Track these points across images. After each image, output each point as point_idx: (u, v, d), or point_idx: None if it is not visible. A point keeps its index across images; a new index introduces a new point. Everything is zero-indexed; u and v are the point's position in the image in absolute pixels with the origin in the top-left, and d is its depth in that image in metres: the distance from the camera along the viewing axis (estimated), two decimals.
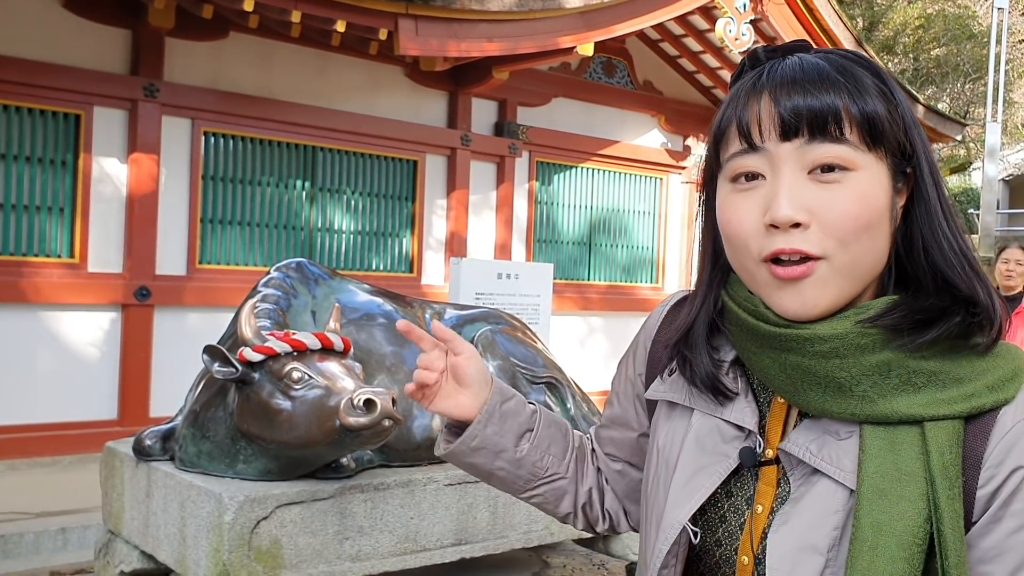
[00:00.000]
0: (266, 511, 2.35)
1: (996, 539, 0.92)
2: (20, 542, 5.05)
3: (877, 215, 0.95)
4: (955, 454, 0.92)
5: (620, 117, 10.10)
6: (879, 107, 0.96)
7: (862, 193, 0.94)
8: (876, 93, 0.97)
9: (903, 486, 0.91)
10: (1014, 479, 0.91)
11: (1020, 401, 0.94)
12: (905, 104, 0.99)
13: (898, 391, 0.94)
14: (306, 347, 2.39)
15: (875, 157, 0.95)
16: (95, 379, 6.85)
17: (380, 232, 8.36)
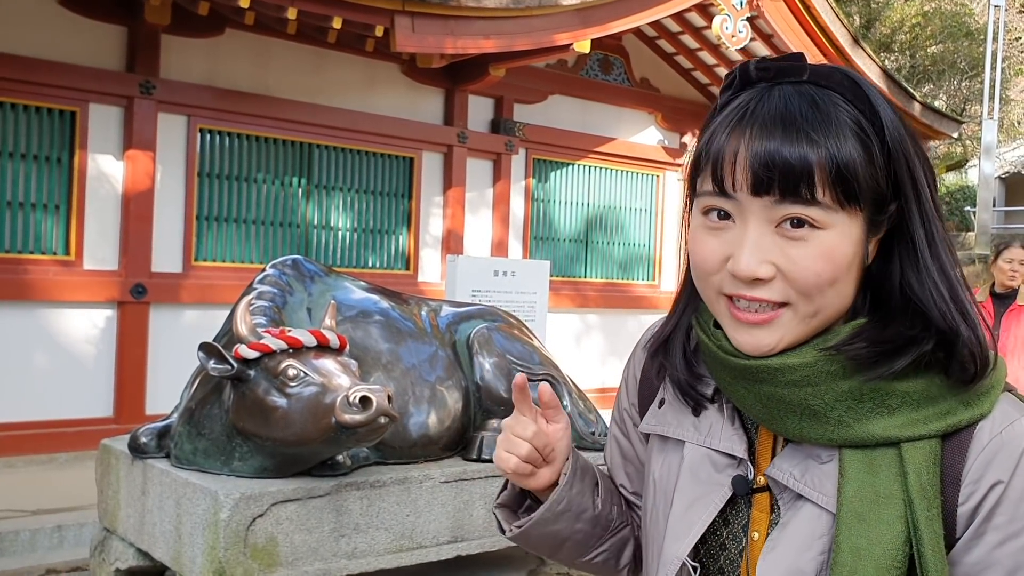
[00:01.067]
0: (262, 508, 2.35)
1: (980, 554, 0.92)
2: (16, 540, 5.04)
3: (843, 270, 0.94)
4: (933, 473, 0.92)
5: (617, 114, 10.09)
6: (857, 158, 0.93)
7: (829, 250, 0.93)
8: (856, 139, 0.94)
9: (881, 509, 0.91)
10: (994, 493, 0.91)
11: (996, 415, 0.94)
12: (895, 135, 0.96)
13: (872, 414, 0.94)
14: (302, 344, 2.39)
15: (847, 214, 0.94)
16: (91, 377, 6.84)
17: (376, 229, 8.35)
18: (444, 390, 2.95)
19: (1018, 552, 0.91)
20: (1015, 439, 0.92)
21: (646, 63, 10.29)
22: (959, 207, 27.03)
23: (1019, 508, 0.91)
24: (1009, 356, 5.33)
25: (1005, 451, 0.91)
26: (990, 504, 0.91)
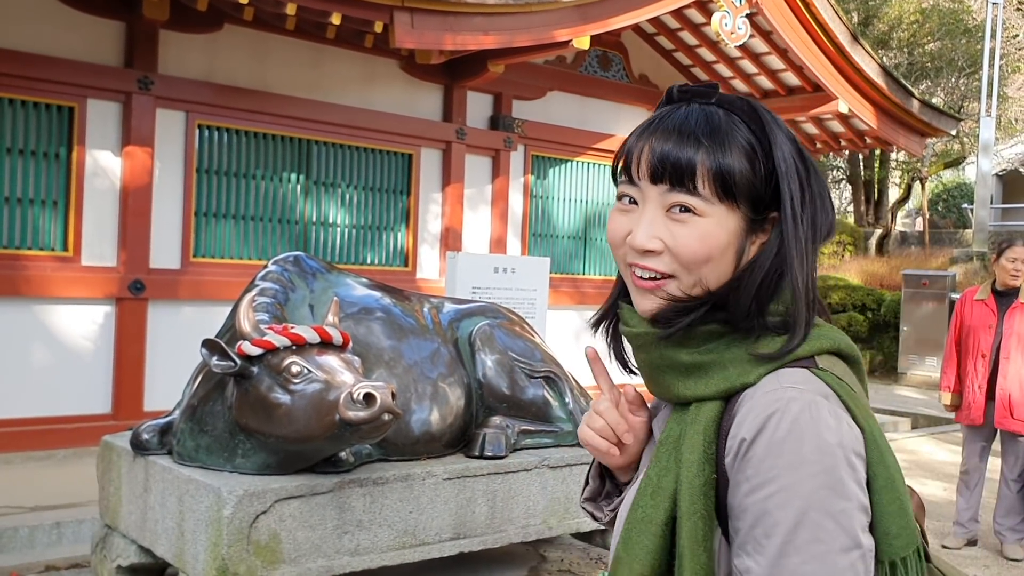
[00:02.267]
0: (265, 505, 2.34)
1: (737, 499, 1.07)
2: (15, 536, 5.03)
3: (716, 251, 1.13)
4: (711, 428, 1.11)
5: (615, 111, 10.09)
6: (738, 166, 1.13)
7: (705, 233, 1.13)
8: (742, 152, 1.13)
9: (669, 454, 1.14)
10: (742, 449, 1.07)
11: (761, 384, 1.09)
12: (785, 158, 1.15)
13: (681, 378, 1.15)
14: (305, 341, 2.38)
15: (725, 208, 1.13)
16: (89, 373, 6.83)
17: (375, 226, 8.34)
18: (446, 387, 2.94)
19: (761, 501, 1.04)
20: (764, 405, 1.07)
21: (645, 59, 10.28)
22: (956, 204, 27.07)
23: (762, 464, 1.04)
24: (1014, 352, 5.34)
25: (753, 414, 1.07)
26: (740, 458, 1.07)
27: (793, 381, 1.08)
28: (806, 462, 1.03)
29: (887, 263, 17.82)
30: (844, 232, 19.80)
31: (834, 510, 1.02)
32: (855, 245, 19.63)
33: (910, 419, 10.88)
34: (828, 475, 1.03)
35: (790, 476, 1.03)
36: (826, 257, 19.26)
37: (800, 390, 1.07)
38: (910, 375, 14.31)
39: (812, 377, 1.10)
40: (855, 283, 16.12)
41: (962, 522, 5.64)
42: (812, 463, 1.03)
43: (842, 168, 23.70)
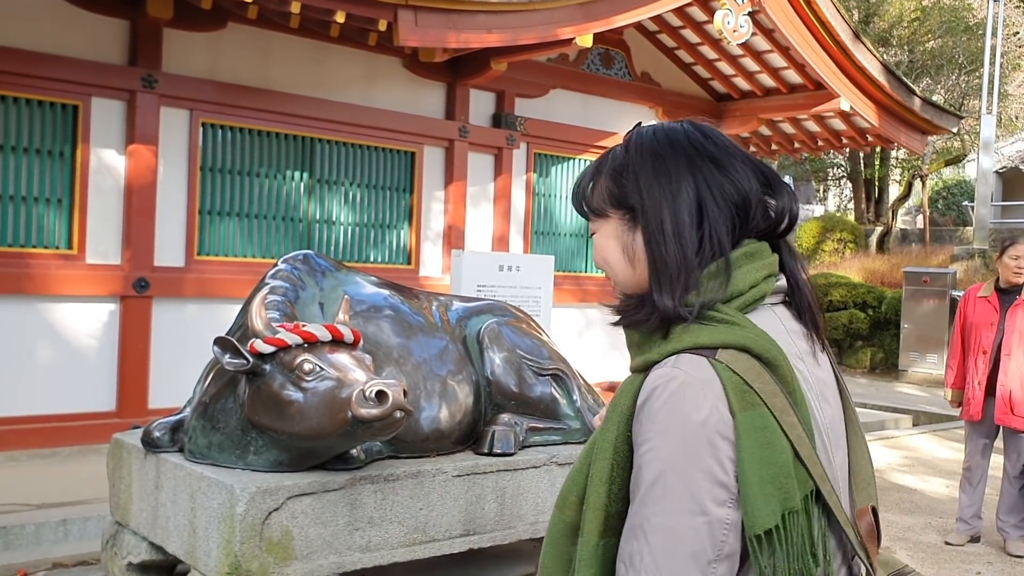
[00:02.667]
0: (277, 502, 2.35)
1: (636, 455, 1.24)
2: (21, 533, 5.05)
3: (604, 255, 1.41)
4: (632, 395, 1.27)
5: (618, 109, 10.10)
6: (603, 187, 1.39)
7: (598, 244, 1.42)
8: (608, 176, 1.38)
9: (612, 410, 1.31)
10: (636, 412, 1.26)
11: (661, 363, 1.26)
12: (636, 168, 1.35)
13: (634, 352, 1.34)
14: (317, 339, 2.39)
15: (604, 221, 1.39)
16: (93, 371, 6.84)
17: (378, 224, 8.36)
18: (455, 384, 2.96)
19: (639, 457, 1.23)
20: (654, 379, 1.25)
21: (647, 57, 10.29)
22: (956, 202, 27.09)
23: (642, 426, 1.23)
24: (1015, 349, 5.35)
25: (647, 385, 1.25)
26: (635, 420, 1.26)
27: (682, 364, 1.24)
28: (670, 431, 1.20)
29: (888, 260, 17.83)
30: (845, 230, 19.82)
31: (685, 476, 1.19)
32: (856, 243, 19.64)
33: (911, 416, 10.90)
34: (686, 447, 1.19)
35: (657, 440, 1.21)
36: (827, 255, 19.28)
37: (683, 372, 1.23)
38: (911, 372, 14.33)
39: (704, 365, 1.23)
40: (856, 280, 16.13)
41: (965, 519, 5.66)
42: (675, 433, 1.20)
43: (843, 166, 23.70)
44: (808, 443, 1.23)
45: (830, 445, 1.33)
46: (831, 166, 24.48)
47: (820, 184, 28.63)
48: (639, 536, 1.20)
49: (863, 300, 15.48)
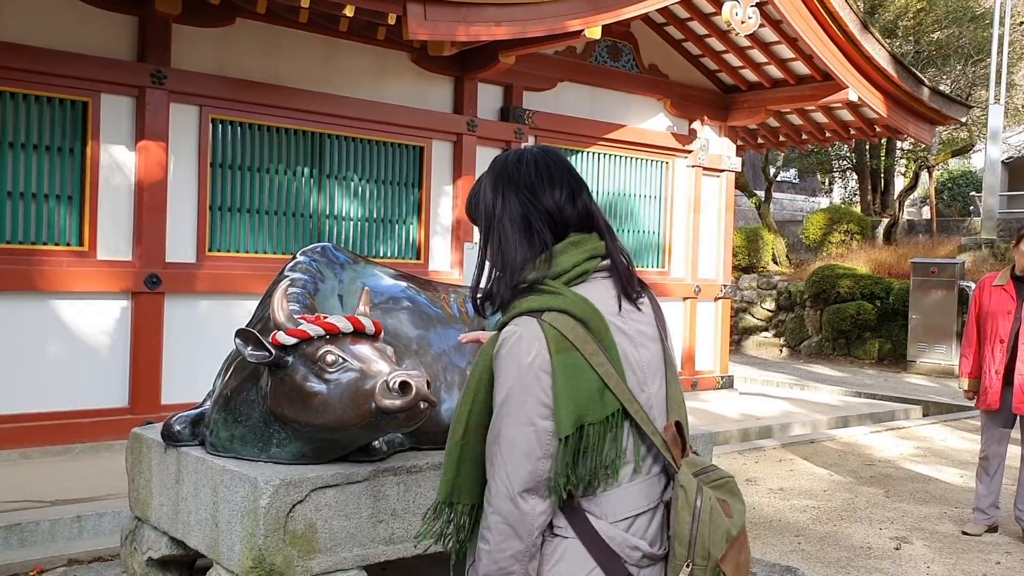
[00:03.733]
0: (301, 495, 2.34)
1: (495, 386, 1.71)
2: (36, 530, 5.05)
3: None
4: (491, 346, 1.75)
5: (625, 101, 10.07)
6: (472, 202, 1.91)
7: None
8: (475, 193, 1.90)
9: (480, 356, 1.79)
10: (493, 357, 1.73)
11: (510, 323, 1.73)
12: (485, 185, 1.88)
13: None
14: (339, 330, 2.38)
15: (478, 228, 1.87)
16: (106, 367, 6.85)
17: (387, 219, 8.35)
18: None
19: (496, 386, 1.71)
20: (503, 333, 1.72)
21: (655, 50, 10.26)
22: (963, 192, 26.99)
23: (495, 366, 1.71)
24: None
25: (500, 338, 1.72)
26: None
27: (520, 323, 1.72)
28: (510, 369, 1.69)
29: (895, 252, 17.78)
30: (851, 221, 19.75)
31: (519, 400, 1.68)
32: (862, 234, 19.57)
33: (921, 407, 10.87)
34: (519, 380, 1.68)
35: (503, 376, 1.69)
36: (833, 247, 19.22)
37: (520, 328, 1.71)
38: (919, 363, 14.30)
39: (534, 323, 1.71)
40: (863, 272, 16.09)
41: (982, 508, 5.64)
42: (512, 370, 1.69)
43: (848, 158, 23.63)
44: (616, 376, 1.71)
45: (644, 378, 1.78)
46: (836, 158, 24.39)
47: (825, 176, 28.55)
48: (492, 443, 1.70)
49: (870, 291, 15.43)
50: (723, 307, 11.20)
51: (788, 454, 8.06)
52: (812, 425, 9.48)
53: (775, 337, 17.10)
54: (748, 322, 17.46)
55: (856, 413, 10.11)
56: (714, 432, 7.32)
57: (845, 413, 10.07)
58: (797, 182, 31.46)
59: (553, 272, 1.77)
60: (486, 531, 1.70)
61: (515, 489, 1.67)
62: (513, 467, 1.67)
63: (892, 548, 5.34)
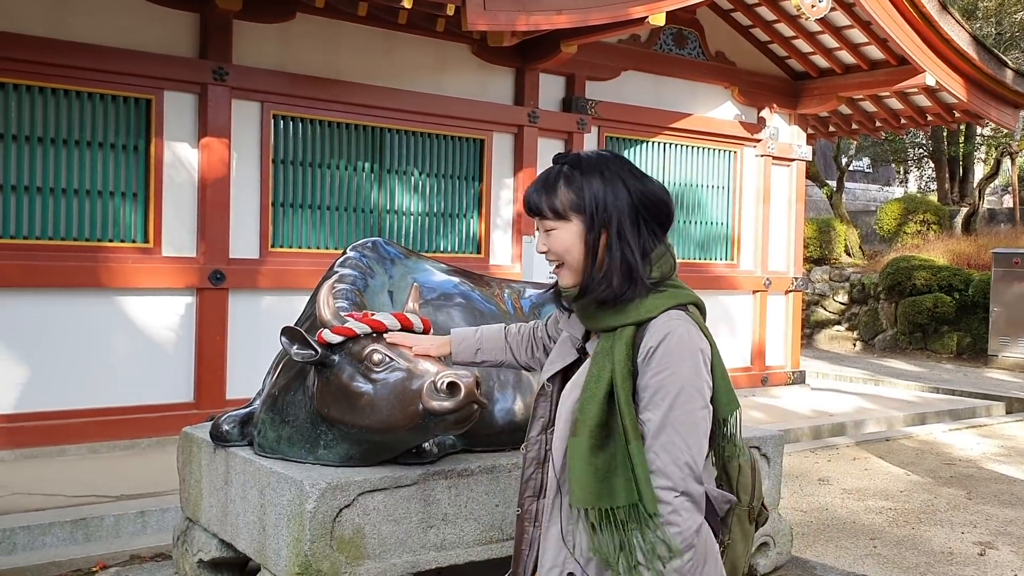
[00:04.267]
0: (348, 499, 2.25)
1: (643, 381, 1.87)
2: (100, 525, 5.09)
3: (567, 247, 1.95)
4: (627, 341, 1.89)
5: (692, 89, 9.84)
6: (563, 198, 1.95)
7: (559, 239, 1.96)
8: (567, 188, 1.95)
9: (604, 356, 1.90)
10: (649, 352, 1.87)
11: (659, 317, 1.90)
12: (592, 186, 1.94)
13: (607, 315, 1.94)
14: (386, 328, 2.29)
15: (564, 222, 1.95)
16: (171, 363, 6.91)
17: (448, 213, 8.28)
18: (529, 375, 2.83)
19: (659, 381, 1.85)
20: (663, 328, 1.88)
21: (721, 36, 10.00)
22: None
23: (661, 360, 1.85)
24: None
25: (656, 332, 1.87)
26: (647, 356, 1.87)
27: (676, 316, 1.91)
28: (685, 359, 1.86)
29: (974, 242, 17.15)
30: (928, 211, 19.12)
31: (697, 385, 1.87)
32: (939, 224, 18.92)
33: (1004, 403, 10.43)
34: (695, 367, 1.87)
35: (676, 366, 1.85)
36: (909, 237, 18.64)
37: (681, 321, 1.90)
38: (1001, 358, 13.76)
39: (685, 316, 1.93)
40: (940, 263, 15.55)
41: None
42: (688, 360, 1.87)
43: (925, 145, 22.89)
44: None
45: None
46: (912, 146, 23.65)
47: (900, 165, 27.72)
48: (668, 431, 1.84)
49: (948, 283, 14.90)
50: (794, 300, 10.89)
51: (862, 452, 7.78)
52: (887, 422, 9.16)
53: (848, 331, 16.65)
54: (820, 315, 17.02)
55: (934, 410, 9.74)
56: (784, 431, 7.08)
57: (922, 410, 9.71)
58: (870, 171, 30.62)
59: (670, 267, 1.97)
60: (674, 515, 1.81)
61: (698, 469, 1.85)
62: (697, 448, 1.85)
63: (976, 554, 5.08)
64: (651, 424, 1.83)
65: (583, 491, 1.84)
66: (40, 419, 6.38)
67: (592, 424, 1.85)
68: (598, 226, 1.90)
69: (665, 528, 1.80)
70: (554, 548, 1.93)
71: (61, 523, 5.00)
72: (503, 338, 2.33)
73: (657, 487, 1.81)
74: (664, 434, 1.81)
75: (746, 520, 2.06)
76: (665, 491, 1.81)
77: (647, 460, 1.82)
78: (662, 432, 1.82)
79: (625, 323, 1.89)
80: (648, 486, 1.81)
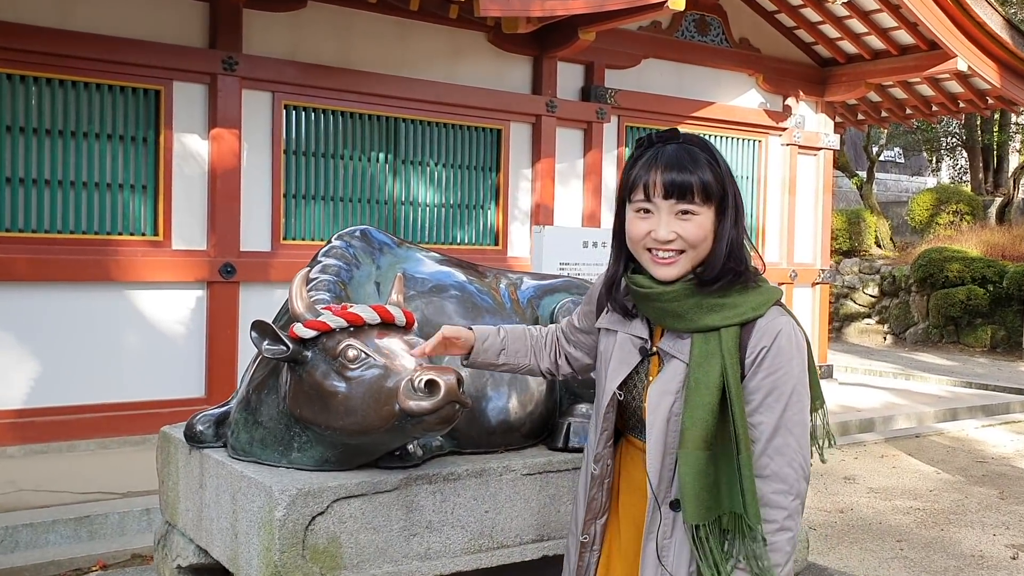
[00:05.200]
0: (322, 505, 2.10)
1: (754, 383, 1.82)
2: (105, 523, 5.01)
3: (705, 235, 1.85)
4: (735, 343, 1.82)
5: (715, 77, 9.61)
6: (710, 179, 1.85)
7: (699, 225, 1.85)
8: (709, 170, 1.85)
9: (709, 360, 1.82)
10: (762, 352, 1.82)
11: (766, 315, 1.85)
12: (723, 168, 1.88)
13: (706, 314, 1.84)
14: (363, 321, 2.13)
15: (707, 207, 1.85)
16: (182, 357, 6.82)
17: (464, 204, 8.12)
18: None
19: (773, 382, 1.81)
20: (774, 328, 1.84)
21: (745, 22, 9.76)
22: None
23: (775, 360, 1.82)
24: None
25: (768, 332, 1.83)
26: (760, 357, 1.82)
27: (780, 315, 1.87)
28: (794, 358, 1.83)
29: (1009, 233, 16.74)
30: (961, 201, 18.70)
31: (806, 384, 1.85)
32: (973, 215, 18.50)
33: None
34: (803, 365, 1.85)
35: (788, 366, 1.82)
36: (941, 228, 18.25)
37: (788, 320, 1.87)
38: None
39: (786, 312, 1.90)
40: (974, 255, 15.19)
41: None
42: (797, 358, 1.84)
43: (957, 134, 22.41)
44: None
45: None
46: (944, 135, 23.17)
47: (932, 154, 27.19)
48: (783, 433, 1.81)
49: (982, 275, 14.55)
50: (821, 293, 10.63)
51: (891, 449, 7.54)
52: (917, 418, 8.89)
53: (878, 324, 16.31)
54: (849, 308, 16.70)
55: (966, 405, 9.46)
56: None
57: (954, 405, 9.43)
58: (902, 161, 30.09)
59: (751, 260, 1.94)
60: (789, 520, 1.79)
61: (808, 469, 1.84)
62: (807, 447, 1.84)
63: (1008, 557, 4.85)
64: (764, 427, 1.80)
65: (699, 506, 1.78)
66: (49, 414, 6.32)
67: (705, 435, 1.78)
68: (731, 212, 1.86)
69: (781, 535, 1.78)
70: (652, 568, 1.86)
71: (65, 520, 4.92)
72: (527, 341, 2.20)
73: (773, 492, 1.78)
74: (779, 436, 1.79)
75: None
76: (781, 495, 1.79)
77: (760, 465, 1.79)
78: (776, 435, 1.79)
79: (731, 323, 1.82)
80: (754, 499, 1.76)
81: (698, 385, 1.80)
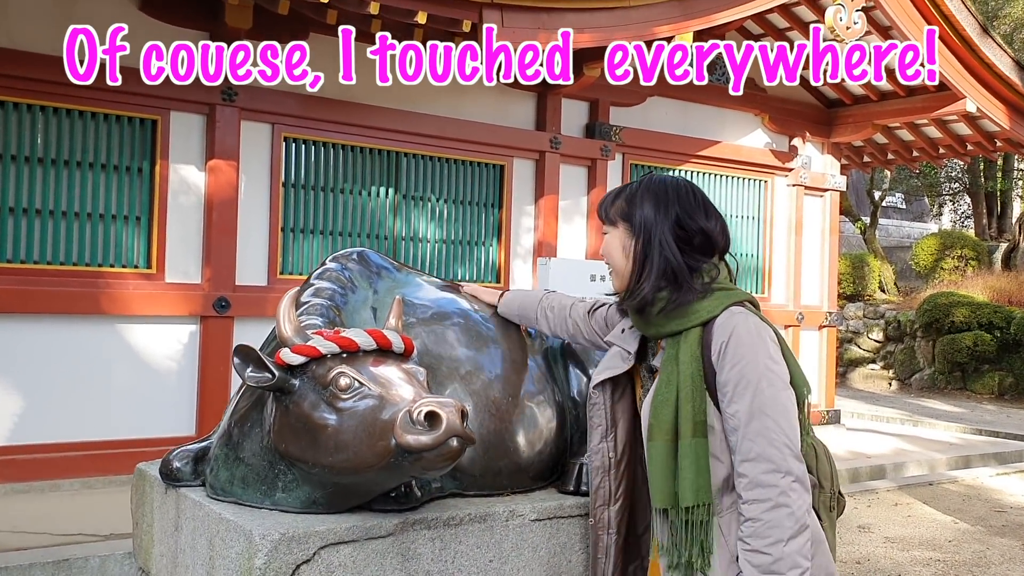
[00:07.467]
0: (307, 553, 1.88)
1: (723, 376, 1.97)
2: (85, 567, 4.76)
3: (611, 251, 2.17)
4: (697, 343, 2.01)
5: (720, 116, 9.50)
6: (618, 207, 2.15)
7: (607, 242, 2.19)
8: (621, 200, 2.16)
9: (673, 361, 2.03)
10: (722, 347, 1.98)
11: (722, 314, 2.02)
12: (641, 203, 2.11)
13: (669, 320, 2.06)
14: (358, 347, 1.93)
15: (613, 227, 2.16)
16: (173, 393, 6.60)
17: (466, 240, 7.95)
18: (534, 407, 2.45)
19: (739, 371, 1.94)
20: (729, 323, 2.00)
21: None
22: None
23: (736, 351, 1.96)
24: None
25: (724, 327, 2.00)
26: (722, 353, 1.97)
27: (737, 311, 2.02)
28: (757, 347, 1.96)
29: (1015, 278, 16.56)
30: (966, 246, 18.55)
31: (775, 369, 1.96)
32: (978, 260, 18.34)
33: None
34: (768, 352, 1.97)
35: (752, 354, 1.95)
36: (947, 273, 18.07)
37: (744, 315, 2.02)
38: None
39: (745, 310, 2.04)
40: (980, 300, 15.00)
41: None
42: (760, 347, 1.97)
43: (960, 179, 22.35)
44: None
45: None
46: (947, 180, 23.11)
47: (934, 200, 27.11)
48: (759, 416, 1.89)
49: (989, 321, 14.35)
50: (828, 336, 10.42)
51: (905, 497, 7.28)
52: (929, 465, 8.64)
53: (883, 369, 16.08)
54: (854, 353, 16.47)
55: (978, 452, 9.20)
56: None
57: (966, 452, 9.17)
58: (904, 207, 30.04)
59: (718, 273, 2.08)
60: (783, 496, 1.84)
61: (796, 448, 1.89)
62: (791, 428, 1.90)
63: None
64: (740, 415, 1.90)
65: (662, 492, 1.96)
66: (32, 452, 6.09)
67: (667, 427, 1.96)
68: (643, 236, 2.04)
69: (776, 511, 1.83)
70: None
71: (42, 564, 4.68)
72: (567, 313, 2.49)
73: (761, 472, 1.86)
74: (756, 420, 1.88)
75: (827, 508, 2.11)
76: (769, 475, 1.86)
77: (744, 450, 1.88)
78: (753, 419, 1.88)
79: (689, 326, 2.00)
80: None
81: (661, 384, 2.01)
